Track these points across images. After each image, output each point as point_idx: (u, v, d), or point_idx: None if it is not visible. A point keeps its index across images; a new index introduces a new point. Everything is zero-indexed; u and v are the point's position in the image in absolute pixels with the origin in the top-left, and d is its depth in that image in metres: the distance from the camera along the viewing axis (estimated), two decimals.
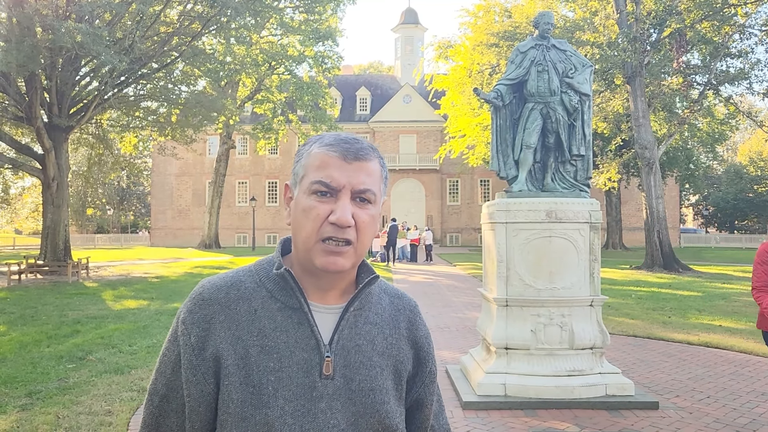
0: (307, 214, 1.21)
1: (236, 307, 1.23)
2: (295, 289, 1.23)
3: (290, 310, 1.24)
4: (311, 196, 1.22)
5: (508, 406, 5.97)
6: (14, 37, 18.30)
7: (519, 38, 25.10)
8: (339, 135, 1.28)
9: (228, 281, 1.27)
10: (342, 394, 1.22)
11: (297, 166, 1.28)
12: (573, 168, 6.82)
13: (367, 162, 1.25)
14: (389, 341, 1.32)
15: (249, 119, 43.78)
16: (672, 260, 23.96)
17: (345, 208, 1.20)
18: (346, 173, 1.22)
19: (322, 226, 1.20)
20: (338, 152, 1.23)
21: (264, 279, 1.27)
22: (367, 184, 1.23)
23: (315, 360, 1.21)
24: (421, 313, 1.45)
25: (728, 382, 7.15)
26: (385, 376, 1.28)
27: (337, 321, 1.26)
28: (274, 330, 1.22)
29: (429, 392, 1.41)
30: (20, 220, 69.05)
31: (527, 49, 6.88)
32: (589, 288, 6.30)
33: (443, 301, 14.65)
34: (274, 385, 1.18)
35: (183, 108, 26.33)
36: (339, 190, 1.21)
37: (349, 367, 1.24)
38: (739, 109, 28.65)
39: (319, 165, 1.23)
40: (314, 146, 1.27)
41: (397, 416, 1.28)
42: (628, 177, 38.82)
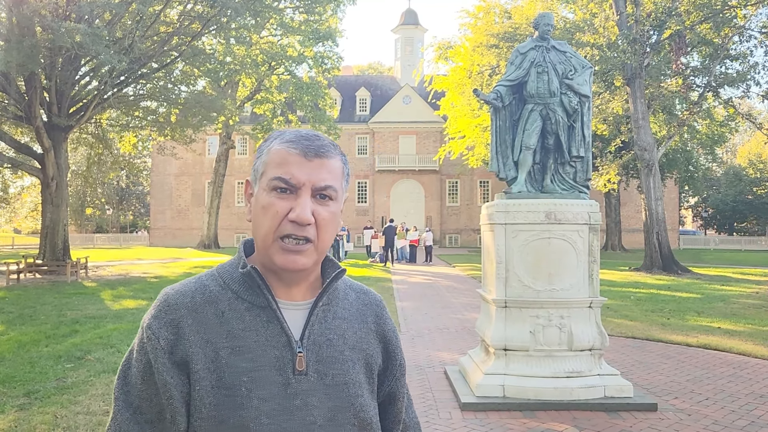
0: (266, 212, 1.21)
1: (203, 310, 1.22)
2: (262, 287, 1.23)
3: (258, 309, 1.23)
4: (271, 193, 1.21)
5: (506, 407, 5.97)
6: (14, 36, 18.29)
7: (519, 39, 25.11)
8: (300, 132, 1.27)
9: (192, 286, 1.26)
10: (317, 390, 1.21)
11: (257, 162, 1.27)
12: (572, 169, 6.82)
13: (328, 159, 1.24)
14: (359, 335, 1.32)
15: (248, 119, 43.77)
16: (671, 262, 23.97)
17: (305, 205, 1.19)
18: (306, 170, 1.21)
19: (281, 224, 1.20)
20: (299, 149, 1.22)
21: (228, 281, 1.26)
22: (328, 180, 1.23)
23: (287, 357, 1.20)
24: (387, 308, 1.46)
25: (727, 383, 7.16)
26: (357, 369, 1.28)
27: (306, 317, 1.26)
28: (243, 330, 1.21)
29: (400, 385, 1.42)
30: (19, 220, 69.05)
31: (527, 51, 6.89)
32: (588, 289, 6.30)
33: (442, 302, 14.65)
34: (247, 385, 1.17)
35: (182, 108, 26.32)
36: (299, 188, 1.20)
37: (321, 362, 1.23)
38: (738, 111, 28.66)
39: (279, 162, 1.22)
40: (275, 143, 1.26)
41: (371, 410, 1.29)
42: (627, 179, 38.84)
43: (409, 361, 8.26)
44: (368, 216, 50.12)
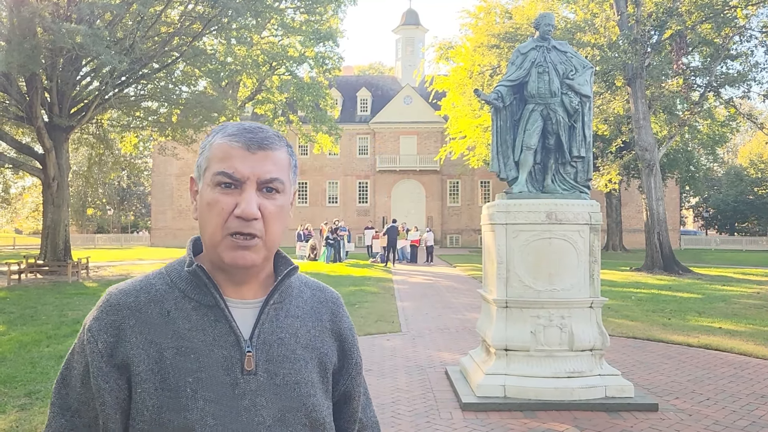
0: (212, 208, 1.17)
1: (147, 310, 1.18)
2: (209, 285, 1.19)
3: (206, 308, 1.20)
4: (215, 189, 1.18)
5: (507, 407, 5.97)
6: (15, 37, 18.30)
7: (520, 39, 25.10)
8: (243, 124, 1.23)
9: (137, 285, 1.23)
10: (266, 390, 1.18)
11: (200, 159, 1.23)
12: (573, 169, 6.82)
13: (272, 151, 1.20)
14: (312, 334, 1.29)
15: (249, 119, 43.73)
16: (672, 262, 23.95)
17: (250, 200, 1.16)
18: (250, 163, 1.17)
19: (227, 221, 1.16)
20: (241, 142, 1.18)
21: (176, 279, 1.23)
22: (273, 173, 1.19)
23: (235, 357, 1.17)
24: (344, 305, 1.44)
25: (728, 384, 7.15)
26: (310, 369, 1.25)
27: (257, 315, 1.22)
28: (190, 330, 1.17)
29: (356, 384, 1.39)
30: (20, 220, 69.09)
31: (528, 51, 6.89)
32: (588, 289, 6.30)
33: (443, 302, 14.65)
34: (192, 386, 1.14)
35: (183, 108, 26.34)
36: (243, 182, 1.17)
37: (272, 362, 1.20)
38: (739, 111, 28.65)
39: (222, 156, 1.18)
40: (217, 137, 1.22)
41: (324, 409, 1.26)
42: (628, 179, 38.83)
43: (410, 361, 8.26)
44: (369, 216, 50.12)
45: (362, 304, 13.70)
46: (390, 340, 9.77)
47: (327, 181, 52.78)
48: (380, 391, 6.77)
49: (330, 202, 52.67)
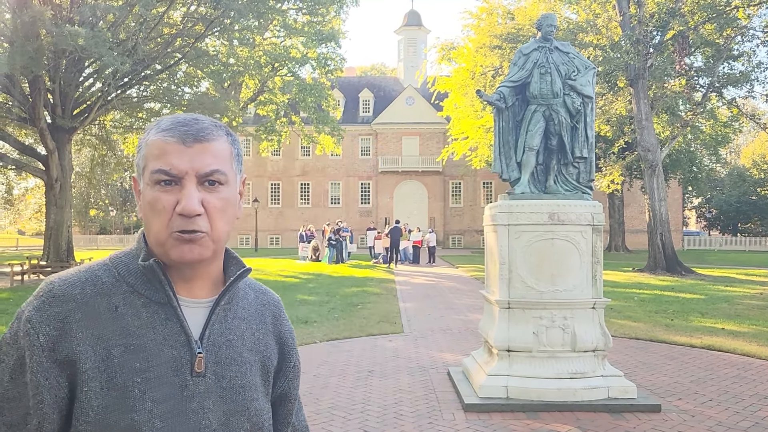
0: (154, 207, 1.13)
1: (94, 303, 1.12)
2: (164, 282, 1.15)
3: (156, 306, 1.15)
4: (155, 188, 1.13)
5: (510, 408, 5.97)
6: (18, 39, 18.35)
7: (522, 40, 25.08)
8: (177, 117, 1.18)
9: (82, 276, 1.15)
10: (213, 392, 1.16)
11: (138, 157, 1.19)
12: (575, 170, 6.81)
13: (209, 142, 1.16)
14: (257, 336, 1.27)
15: (252, 121, 43.80)
16: (675, 263, 23.91)
17: (190, 195, 1.12)
18: (187, 158, 1.13)
19: (171, 219, 1.12)
20: (176, 136, 1.14)
21: (124, 273, 1.17)
22: (213, 165, 1.15)
23: (185, 357, 1.14)
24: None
25: (731, 385, 7.14)
26: (254, 372, 1.24)
27: (207, 316, 1.19)
28: (139, 327, 1.12)
29: (293, 387, 1.39)
30: (23, 221, 69.18)
31: (530, 51, 6.88)
32: (591, 290, 6.30)
33: (445, 303, 14.64)
34: (141, 386, 1.09)
35: (186, 109, 26.33)
36: (182, 177, 1.12)
37: (220, 364, 1.18)
38: (742, 112, 28.61)
39: (157, 153, 1.14)
40: (151, 133, 1.17)
41: (265, 413, 1.25)
42: (630, 179, 38.77)
43: (412, 362, 8.26)
44: (371, 217, 50.11)
45: (365, 305, 13.70)
46: (392, 341, 9.77)
47: (329, 182, 52.79)
48: (383, 392, 6.77)
49: (332, 203, 52.67)
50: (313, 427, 5.60)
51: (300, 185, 52.85)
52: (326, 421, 5.77)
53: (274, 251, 43.19)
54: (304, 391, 6.74)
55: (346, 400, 6.44)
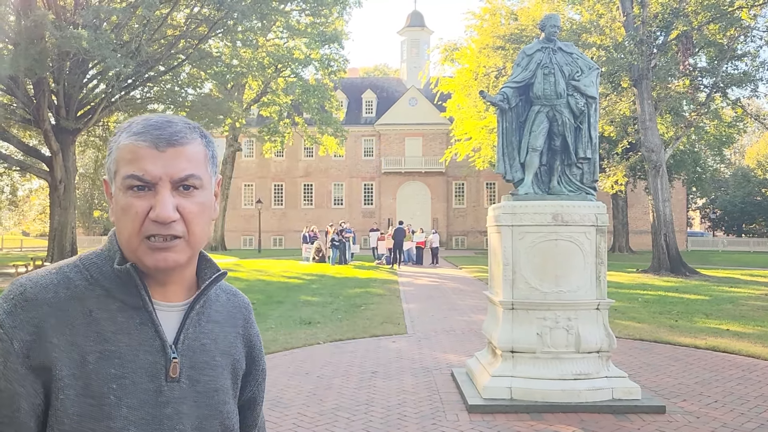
0: (126, 213, 1.10)
1: (68, 308, 1.08)
2: (140, 287, 1.12)
3: (131, 310, 1.12)
4: (127, 193, 1.10)
5: (513, 409, 5.95)
6: (22, 41, 18.41)
7: (525, 41, 25.06)
8: (149, 120, 1.14)
9: (53, 279, 1.11)
10: (188, 397, 1.14)
11: (109, 160, 1.15)
12: (579, 171, 6.80)
13: (184, 146, 1.12)
14: (229, 340, 1.26)
15: (255, 122, 43.87)
16: (679, 264, 23.84)
17: (164, 202, 1.08)
18: (160, 163, 1.09)
19: (143, 225, 1.09)
20: (148, 141, 1.10)
21: (98, 276, 1.13)
22: (187, 170, 1.11)
23: (160, 363, 1.12)
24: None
25: (736, 386, 7.11)
26: (225, 375, 1.23)
27: (181, 320, 1.17)
28: (114, 333, 1.09)
29: (261, 390, 1.39)
30: (27, 222, 69.32)
31: (533, 52, 6.87)
32: (595, 291, 6.28)
33: (449, 304, 14.62)
34: (116, 393, 1.07)
35: (189, 110, 26.40)
36: (156, 183, 1.09)
37: (194, 369, 1.17)
38: (746, 112, 28.52)
39: (130, 158, 1.10)
40: (122, 136, 1.12)
41: (234, 416, 1.24)
42: (634, 180, 38.69)
43: (415, 363, 8.25)
44: (374, 218, 50.13)
45: (368, 306, 13.70)
46: (396, 342, 9.76)
47: (332, 183, 52.81)
48: (386, 393, 6.76)
49: (335, 204, 52.69)
50: (317, 429, 5.59)
51: (303, 186, 52.88)
52: (330, 422, 5.76)
53: (278, 252, 43.21)
54: (308, 392, 6.74)
55: (349, 401, 6.43)
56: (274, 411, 6.08)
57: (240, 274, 22.21)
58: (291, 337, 9.93)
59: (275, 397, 6.54)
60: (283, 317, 12.08)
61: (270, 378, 7.30)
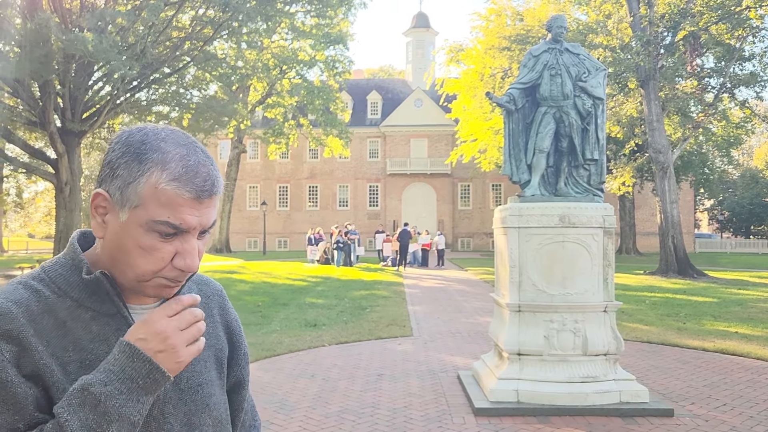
0: (147, 254, 1.06)
1: (42, 321, 1.05)
2: (112, 294, 1.10)
3: (106, 317, 1.10)
4: (152, 234, 1.05)
5: (520, 412, 5.90)
6: (28, 44, 18.47)
7: (531, 42, 25.00)
8: (187, 161, 1.06)
9: (23, 293, 1.07)
10: (172, 396, 1.14)
11: (129, 190, 1.06)
12: (586, 172, 6.75)
13: (217, 196, 1.10)
14: (207, 331, 1.24)
15: (260, 123, 43.95)
16: (687, 266, 23.72)
17: (194, 253, 1.07)
18: (197, 213, 1.06)
19: (165, 268, 1.07)
20: (192, 192, 1.05)
21: (65, 287, 1.10)
22: (214, 217, 1.10)
23: None
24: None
25: (745, 389, 7.04)
26: (209, 368, 1.23)
27: None
28: (91, 341, 1.08)
29: (245, 373, 1.38)
30: (33, 224, 69.61)
31: (540, 53, 6.83)
32: (602, 293, 6.23)
33: (455, 306, 14.57)
34: None
35: (194, 112, 26.47)
36: (188, 231, 1.06)
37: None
38: (754, 113, 28.38)
39: (166, 203, 1.04)
40: (158, 176, 1.05)
41: (222, 405, 1.25)
42: (642, 181, 38.54)
43: (421, 365, 8.21)
44: (380, 220, 50.09)
45: (373, 308, 13.66)
46: (402, 345, 9.72)
47: (337, 185, 52.83)
48: (392, 395, 6.72)
49: (340, 206, 52.70)
50: (323, 431, 5.56)
51: (308, 188, 52.92)
52: (336, 425, 5.72)
53: (283, 254, 43.23)
54: (313, 395, 6.70)
55: (355, 404, 6.39)
56: (280, 413, 6.05)
57: (245, 276, 22.21)
58: (296, 339, 9.90)
59: (280, 400, 6.51)
60: (288, 319, 12.05)
61: (275, 380, 7.28)
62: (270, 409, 6.20)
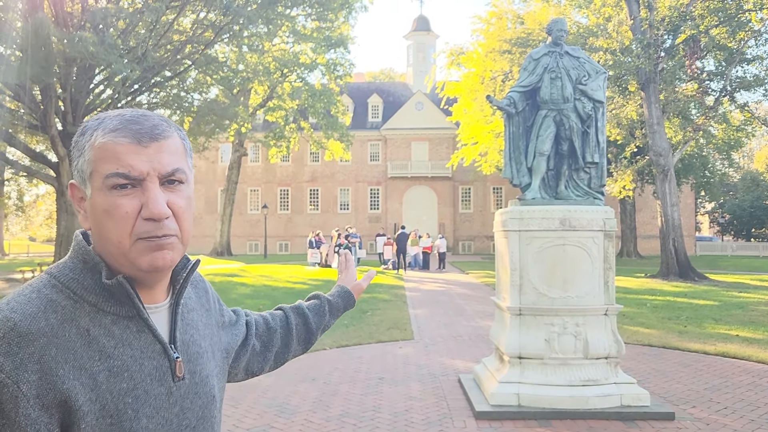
0: (112, 215, 1.04)
1: (64, 333, 1.01)
2: (132, 296, 1.08)
3: (126, 320, 1.09)
4: (110, 193, 1.04)
5: (521, 416, 5.89)
6: (29, 46, 18.51)
7: (532, 45, 25.03)
8: (123, 114, 1.09)
9: (39, 305, 1.03)
10: (190, 391, 1.15)
11: (80, 161, 1.08)
12: (587, 175, 6.75)
13: (166, 140, 1.08)
14: (205, 323, 1.28)
15: (261, 127, 43.96)
16: (687, 269, 23.70)
17: (157, 198, 1.04)
18: (146, 158, 1.04)
19: (135, 225, 1.04)
20: (129, 136, 1.05)
21: (81, 292, 1.07)
22: (173, 163, 1.08)
23: (164, 365, 1.11)
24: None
25: (746, 392, 7.03)
26: (209, 358, 1.24)
27: (170, 318, 1.17)
28: (116, 347, 1.06)
29: (250, 335, 1.48)
30: (34, 228, 69.66)
31: (540, 56, 6.84)
32: (603, 297, 6.22)
33: (456, 309, 14.56)
34: (133, 406, 1.05)
35: (195, 116, 26.50)
36: (143, 179, 1.04)
37: (191, 362, 1.17)
38: (755, 116, 28.37)
39: (110, 156, 1.04)
40: (97, 134, 1.06)
41: (219, 394, 1.27)
42: (642, 184, 38.53)
43: (422, 368, 8.20)
44: (381, 223, 50.09)
45: (374, 312, 13.65)
46: (402, 348, 9.71)
47: (338, 188, 52.83)
48: (393, 399, 6.72)
49: (341, 209, 52.68)
50: None
51: (309, 191, 52.92)
52: (336, 428, 5.72)
53: (284, 257, 43.21)
54: (314, 398, 6.70)
55: (356, 408, 6.38)
56: (281, 417, 6.04)
57: (246, 280, 22.20)
58: None
59: (281, 404, 6.50)
60: None
61: (276, 384, 7.27)
62: (271, 412, 6.20)
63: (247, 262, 35.04)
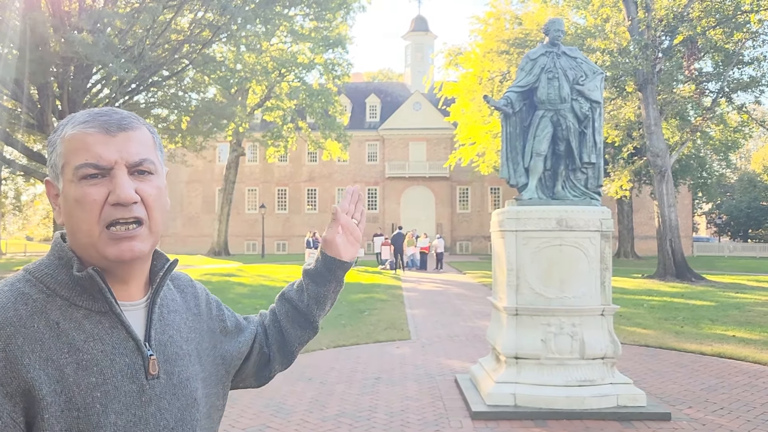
0: (82, 204, 1.06)
1: (32, 324, 1.03)
2: (104, 291, 1.08)
3: (98, 315, 1.09)
4: (80, 183, 1.06)
5: (518, 416, 5.90)
6: (27, 46, 18.47)
7: (529, 45, 25.05)
8: (92, 110, 1.12)
9: (9, 296, 1.05)
10: (167, 392, 1.14)
11: (53, 157, 1.11)
12: (584, 176, 6.75)
13: (134, 131, 1.11)
14: (189, 325, 1.27)
15: (259, 126, 43.94)
16: (684, 269, 23.73)
17: (123, 184, 1.06)
18: (114, 147, 1.07)
19: (102, 212, 1.06)
20: (97, 127, 1.08)
21: (54, 286, 1.08)
22: (142, 153, 1.10)
23: (138, 362, 1.11)
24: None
25: (742, 393, 7.04)
26: (193, 361, 1.23)
27: (146, 316, 1.17)
28: (85, 341, 1.06)
29: (234, 318, 1.44)
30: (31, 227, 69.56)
31: (537, 57, 6.84)
32: (600, 297, 6.23)
33: (453, 309, 14.57)
34: (101, 401, 1.04)
35: (193, 115, 26.48)
36: (111, 167, 1.06)
37: (168, 362, 1.16)
38: (752, 117, 28.42)
39: (80, 147, 1.07)
40: (67, 129, 1.09)
41: (203, 399, 1.25)
42: (639, 185, 38.58)
43: (419, 369, 8.20)
44: (378, 223, 50.08)
45: (372, 312, 13.65)
46: (399, 348, 9.71)
47: (336, 188, 52.81)
48: (389, 399, 6.71)
49: None
50: None
51: (307, 191, 52.90)
52: (332, 428, 5.72)
53: (281, 257, 43.19)
54: (310, 398, 6.69)
55: (352, 408, 6.38)
56: (277, 417, 6.04)
57: (243, 279, 22.18)
58: None
59: (278, 403, 6.50)
60: None
61: (272, 384, 7.26)
62: (267, 412, 6.19)
63: (245, 261, 35.00)
